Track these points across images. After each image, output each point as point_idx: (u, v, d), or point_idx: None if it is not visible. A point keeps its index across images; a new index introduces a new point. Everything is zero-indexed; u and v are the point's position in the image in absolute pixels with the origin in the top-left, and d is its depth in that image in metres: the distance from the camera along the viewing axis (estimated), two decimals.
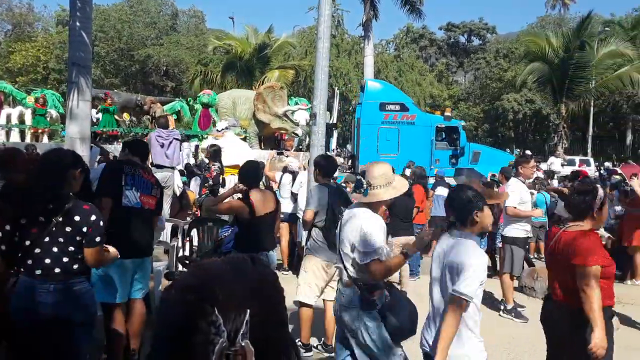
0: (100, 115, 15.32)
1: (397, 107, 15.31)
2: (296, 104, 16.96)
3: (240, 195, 4.43)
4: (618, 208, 8.92)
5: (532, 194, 8.72)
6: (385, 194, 3.23)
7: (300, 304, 4.60)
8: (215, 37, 31.36)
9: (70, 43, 6.33)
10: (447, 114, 16.05)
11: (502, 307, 6.54)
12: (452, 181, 10.95)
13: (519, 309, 6.38)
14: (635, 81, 23.85)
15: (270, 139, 16.42)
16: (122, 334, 3.84)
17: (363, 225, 3.13)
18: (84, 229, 2.78)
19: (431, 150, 14.93)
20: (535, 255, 9.86)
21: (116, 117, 15.70)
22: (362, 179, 3.23)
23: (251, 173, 4.58)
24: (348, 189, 8.28)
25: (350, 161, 16.30)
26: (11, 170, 3.52)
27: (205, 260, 0.99)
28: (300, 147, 16.69)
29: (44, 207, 2.75)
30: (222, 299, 0.84)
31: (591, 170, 21.04)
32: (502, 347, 5.16)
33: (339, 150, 16.80)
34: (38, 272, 2.73)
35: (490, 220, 2.86)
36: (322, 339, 4.78)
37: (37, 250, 2.73)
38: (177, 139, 8.73)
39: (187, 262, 5.74)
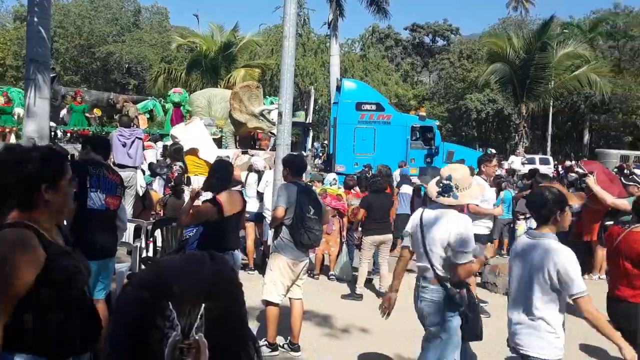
0: (64, 112, 14.94)
1: (373, 107, 15.44)
2: (271, 103, 16.90)
3: (205, 197, 4.39)
4: (575, 205, 9.20)
5: (500, 191, 8.91)
6: (473, 194, 3.51)
7: (266, 303, 4.58)
8: (179, 35, 30.91)
9: (28, 39, 6.15)
10: (422, 113, 16.27)
11: None
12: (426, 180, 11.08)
13: (481, 305, 6.52)
14: (593, 81, 24.60)
15: (246, 139, 16.32)
16: None
17: (461, 226, 3.34)
18: None
19: (407, 149, 15.08)
20: (499, 252, 10.09)
21: (87, 114, 15.33)
22: (449, 182, 3.40)
23: (223, 174, 4.52)
24: (314, 188, 8.30)
25: (322, 160, 16.32)
26: None
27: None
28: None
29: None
30: (177, 293, 0.84)
31: (550, 169, 21.65)
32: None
33: (314, 149, 16.81)
34: None
35: (569, 221, 2.97)
36: (289, 338, 4.78)
37: None
38: (139, 138, 8.58)
39: (150, 262, 5.64)
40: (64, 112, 15.48)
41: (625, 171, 11.49)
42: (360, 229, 7.50)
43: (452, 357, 3.38)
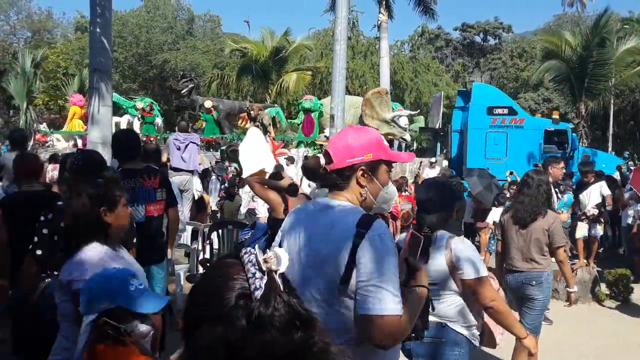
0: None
1: (505, 111, 15.23)
2: (393, 109, 17.05)
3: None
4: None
5: (561, 193, 8.64)
6: None
7: None
8: (231, 41, 31.52)
9: (91, 49, 6.40)
10: (555, 117, 15.88)
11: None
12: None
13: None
14: None
15: None
16: None
17: None
18: None
19: (540, 154, 14.74)
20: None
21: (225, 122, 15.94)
22: None
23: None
24: None
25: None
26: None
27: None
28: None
29: None
30: None
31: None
32: None
33: (444, 155, 16.78)
34: None
35: None
36: None
37: None
38: (194, 143, 8.80)
39: (208, 264, 5.78)
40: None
41: None
42: None
43: None
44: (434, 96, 22.90)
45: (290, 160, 10.86)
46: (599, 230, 8.54)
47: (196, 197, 8.54)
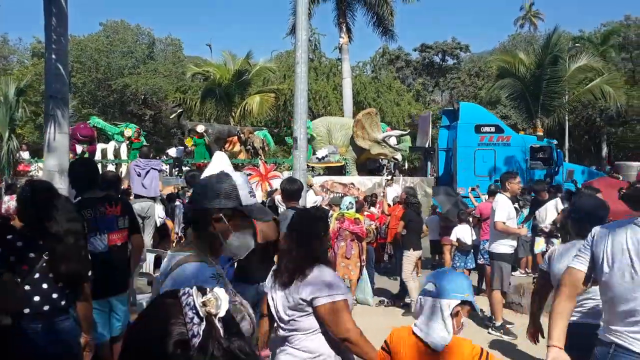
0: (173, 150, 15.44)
1: (492, 129, 15.55)
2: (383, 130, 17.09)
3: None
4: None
5: (517, 209, 8.84)
6: None
7: None
8: (193, 65, 31.41)
9: (47, 76, 6.26)
10: (539, 133, 16.26)
11: (490, 324, 6.53)
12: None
13: (507, 326, 6.39)
14: (606, 93, 24.40)
15: (364, 165, 16.66)
16: None
17: None
18: None
19: (526, 170, 15.06)
20: (525, 271, 9.94)
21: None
22: None
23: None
24: (332, 212, 8.30)
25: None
26: None
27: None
28: (393, 172, 17.10)
29: (35, 242, 2.71)
30: None
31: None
32: None
33: (435, 174, 16.94)
34: (26, 310, 2.66)
35: None
36: None
37: (27, 288, 2.67)
38: (155, 169, 8.64)
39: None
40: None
41: None
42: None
43: None
44: (420, 116, 23.24)
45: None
46: (556, 245, 8.73)
47: (158, 224, 8.37)
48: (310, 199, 8.46)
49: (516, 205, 7.70)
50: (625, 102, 26.08)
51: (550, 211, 8.65)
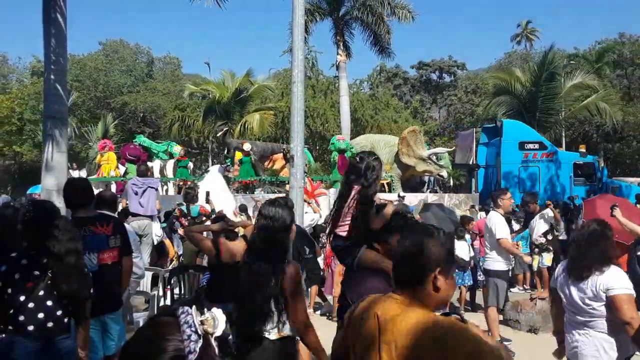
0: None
1: (537, 146, 15.64)
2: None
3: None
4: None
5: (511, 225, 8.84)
6: None
7: None
8: (192, 83, 31.62)
9: (45, 96, 6.32)
10: (583, 150, 16.34)
11: None
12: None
13: (505, 343, 6.36)
14: (602, 110, 24.57)
15: (408, 181, 16.75)
16: None
17: None
18: None
19: (570, 186, 15.07)
20: (522, 287, 9.91)
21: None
22: None
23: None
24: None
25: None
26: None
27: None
28: (435, 189, 17.15)
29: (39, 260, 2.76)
30: None
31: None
32: None
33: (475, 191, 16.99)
34: (30, 328, 2.69)
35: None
36: None
37: (31, 305, 2.70)
38: (152, 187, 8.66)
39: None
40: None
41: None
42: None
43: None
44: (460, 133, 23.22)
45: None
46: (545, 259, 8.72)
47: (155, 242, 8.37)
48: (307, 218, 8.46)
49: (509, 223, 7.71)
50: (621, 118, 26.25)
51: (540, 223, 8.69)
